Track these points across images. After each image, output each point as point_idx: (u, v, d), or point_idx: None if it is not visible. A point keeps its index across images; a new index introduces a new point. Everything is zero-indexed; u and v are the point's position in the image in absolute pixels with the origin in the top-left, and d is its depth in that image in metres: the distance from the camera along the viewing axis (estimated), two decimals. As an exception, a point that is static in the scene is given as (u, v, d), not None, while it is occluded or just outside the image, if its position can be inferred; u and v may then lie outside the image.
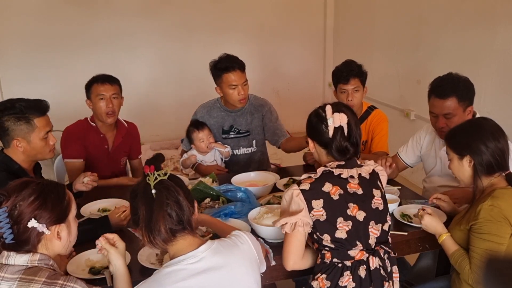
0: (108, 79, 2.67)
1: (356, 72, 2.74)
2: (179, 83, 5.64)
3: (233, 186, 2.30)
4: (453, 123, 2.20)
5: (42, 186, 1.39)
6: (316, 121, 1.73)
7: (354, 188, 1.67)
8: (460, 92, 2.21)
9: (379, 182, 1.76)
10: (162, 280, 1.36)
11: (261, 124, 2.95)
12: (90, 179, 2.33)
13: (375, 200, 1.69)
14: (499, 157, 1.75)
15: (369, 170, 1.73)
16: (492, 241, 1.67)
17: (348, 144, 1.67)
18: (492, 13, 3.38)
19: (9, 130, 2.08)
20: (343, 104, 1.79)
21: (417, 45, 4.28)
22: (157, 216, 1.37)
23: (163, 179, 1.42)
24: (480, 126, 1.82)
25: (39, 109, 2.13)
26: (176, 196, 1.40)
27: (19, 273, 1.31)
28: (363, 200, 1.67)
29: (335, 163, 1.69)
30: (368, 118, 2.88)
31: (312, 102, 7.03)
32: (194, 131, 2.84)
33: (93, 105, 2.66)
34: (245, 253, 1.48)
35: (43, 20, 5.07)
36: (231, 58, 2.78)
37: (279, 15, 5.84)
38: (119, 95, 2.69)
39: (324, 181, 1.65)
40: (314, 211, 1.62)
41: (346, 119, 1.66)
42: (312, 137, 1.77)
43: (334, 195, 1.64)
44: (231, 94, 2.76)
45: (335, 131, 1.66)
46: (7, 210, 1.32)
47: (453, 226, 1.86)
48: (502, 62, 3.32)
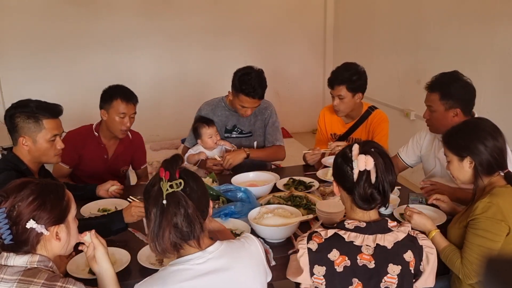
0: (131, 98, 2.63)
1: (342, 80, 2.72)
2: (179, 84, 5.65)
3: (233, 186, 2.30)
4: (434, 118, 2.31)
5: (41, 187, 1.38)
6: (341, 162, 1.51)
7: (365, 260, 1.46)
8: (446, 91, 2.24)
9: (410, 254, 1.48)
10: (166, 278, 1.35)
11: (263, 126, 2.98)
12: (115, 190, 2.37)
13: (387, 278, 1.46)
14: (498, 156, 1.75)
15: (397, 238, 1.48)
16: (486, 237, 1.67)
17: (374, 192, 1.46)
18: (492, 13, 3.38)
19: (17, 127, 2.09)
20: (374, 143, 1.54)
21: (417, 45, 4.28)
22: (163, 230, 1.33)
23: (174, 191, 1.34)
24: (477, 126, 1.82)
25: (51, 111, 2.13)
26: (186, 210, 1.34)
27: (18, 274, 1.30)
28: (371, 276, 1.46)
29: (354, 223, 1.48)
30: (369, 118, 2.89)
31: (312, 102, 7.08)
32: (204, 126, 2.83)
33: (109, 119, 2.62)
34: (252, 255, 1.46)
35: (44, 20, 5.07)
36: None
37: (279, 15, 5.84)
38: (135, 113, 2.68)
39: (332, 247, 1.46)
40: (315, 278, 1.48)
41: (372, 163, 1.45)
42: (337, 180, 1.57)
43: (338, 266, 1.46)
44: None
45: (360, 175, 1.45)
46: (5, 210, 1.31)
47: (452, 225, 1.86)
48: (502, 62, 3.32)
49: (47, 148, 2.14)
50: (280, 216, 1.96)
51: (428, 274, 1.53)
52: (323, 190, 2.40)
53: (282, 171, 2.86)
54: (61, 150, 2.21)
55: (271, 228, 1.86)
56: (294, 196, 2.27)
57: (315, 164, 2.88)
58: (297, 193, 2.30)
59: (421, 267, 1.52)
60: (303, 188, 2.43)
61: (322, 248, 1.47)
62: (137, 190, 2.56)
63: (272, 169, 2.96)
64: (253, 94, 2.70)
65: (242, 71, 2.76)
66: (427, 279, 1.54)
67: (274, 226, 1.88)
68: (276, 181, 2.46)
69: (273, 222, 1.90)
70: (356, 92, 2.76)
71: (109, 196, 2.38)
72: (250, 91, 2.69)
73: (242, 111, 2.81)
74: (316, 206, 2.07)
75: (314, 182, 2.49)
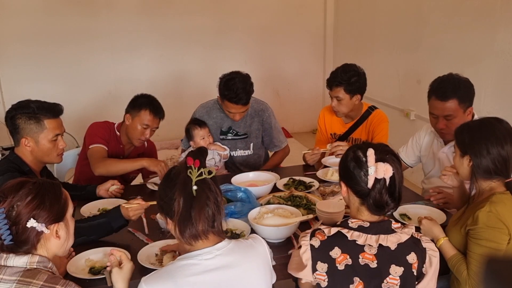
0: (160, 113, 2.70)
1: (340, 81, 2.72)
2: (179, 83, 5.65)
3: (233, 186, 2.30)
4: (453, 125, 2.20)
5: (39, 186, 1.38)
6: (354, 166, 1.48)
7: (368, 260, 1.45)
8: (461, 94, 2.20)
9: (414, 256, 1.48)
10: (174, 272, 1.35)
11: (260, 128, 2.98)
12: (116, 189, 2.38)
13: (389, 280, 1.45)
14: (499, 164, 1.72)
15: (400, 239, 1.47)
16: (490, 247, 1.66)
17: (389, 199, 1.44)
18: (492, 13, 3.38)
19: (19, 128, 2.10)
20: (387, 149, 1.51)
21: (417, 45, 4.28)
22: (196, 215, 1.34)
23: (205, 178, 1.37)
24: (489, 128, 1.77)
25: (51, 111, 2.15)
26: (216, 197, 1.38)
27: (18, 275, 1.30)
28: (373, 276, 1.45)
29: (358, 222, 1.48)
30: (369, 118, 2.89)
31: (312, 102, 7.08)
32: (196, 127, 2.84)
33: (132, 125, 2.66)
34: (260, 256, 1.47)
35: (44, 20, 5.07)
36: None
37: (279, 15, 5.84)
38: (157, 127, 2.73)
39: (334, 245, 1.46)
40: (318, 274, 1.48)
41: (391, 172, 1.42)
42: (347, 182, 1.53)
43: (339, 264, 1.46)
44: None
45: (376, 181, 1.43)
46: (4, 211, 1.31)
47: (450, 227, 1.86)
48: (502, 62, 3.32)
49: (50, 148, 2.15)
50: (280, 216, 1.96)
51: (430, 277, 1.53)
52: (323, 190, 2.40)
53: (282, 171, 2.86)
54: (63, 150, 2.22)
55: (271, 228, 1.86)
56: (294, 196, 2.26)
57: (315, 164, 2.89)
58: (297, 193, 2.30)
59: (423, 269, 1.52)
60: (303, 188, 2.43)
61: (325, 245, 1.47)
62: (137, 190, 2.56)
63: (272, 169, 2.96)
64: (235, 100, 2.69)
65: (227, 76, 2.75)
66: (429, 282, 1.53)
67: (274, 226, 1.88)
68: (276, 181, 2.46)
69: (273, 222, 1.90)
70: (354, 94, 2.75)
71: (109, 196, 2.38)
72: (232, 97, 2.69)
73: (230, 116, 2.84)
74: (316, 206, 2.06)
75: (314, 182, 2.49)
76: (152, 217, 2.14)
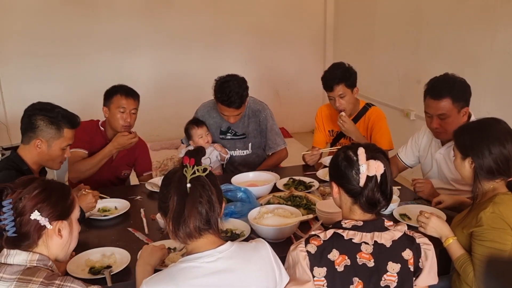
0: (132, 93, 2.66)
1: (339, 79, 2.75)
2: (180, 83, 5.65)
3: (233, 186, 2.30)
4: (448, 124, 2.22)
5: (48, 183, 1.42)
6: (345, 166, 1.49)
7: (365, 259, 1.46)
8: (455, 93, 2.21)
9: (409, 252, 1.49)
10: (175, 274, 1.35)
11: (257, 129, 2.99)
12: (92, 198, 2.14)
13: (387, 277, 1.47)
14: (501, 163, 1.72)
15: (394, 236, 1.48)
16: (495, 248, 1.65)
17: (380, 197, 1.47)
18: (492, 13, 3.38)
19: (37, 129, 2.11)
20: (377, 148, 1.53)
21: (417, 45, 4.28)
22: (188, 212, 1.34)
23: (200, 175, 1.38)
24: (488, 128, 1.77)
25: (72, 122, 2.19)
26: (210, 195, 1.37)
27: (18, 273, 1.31)
28: (371, 275, 1.46)
29: (351, 222, 1.49)
30: (366, 114, 2.90)
31: (312, 102, 7.08)
32: (194, 127, 2.87)
33: (110, 115, 2.65)
34: (263, 259, 1.45)
35: (45, 20, 5.07)
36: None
37: (279, 15, 5.84)
38: (137, 110, 2.69)
39: (332, 247, 1.46)
40: (316, 280, 1.46)
41: (382, 169, 1.45)
42: (338, 182, 1.54)
43: (339, 265, 1.45)
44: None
45: (368, 179, 1.45)
46: (12, 202, 1.34)
47: (452, 229, 1.84)
48: (502, 62, 3.32)
49: (58, 156, 2.18)
50: (280, 216, 1.96)
51: (428, 270, 1.54)
52: (323, 190, 2.40)
53: (282, 171, 2.86)
54: (66, 159, 2.26)
55: (271, 228, 1.86)
56: (294, 196, 2.27)
57: (314, 164, 2.89)
58: (297, 193, 2.30)
59: (420, 264, 1.53)
60: (303, 188, 2.43)
61: (321, 250, 1.47)
62: (138, 190, 2.57)
63: (272, 169, 2.97)
64: (227, 103, 2.71)
65: (222, 79, 2.76)
66: (428, 275, 1.54)
67: (274, 226, 1.88)
68: (276, 181, 2.46)
69: (273, 222, 1.91)
70: (353, 87, 2.80)
71: (90, 209, 2.16)
72: (225, 100, 2.70)
73: (225, 118, 2.85)
74: (316, 206, 2.07)
75: (314, 182, 2.49)
76: (152, 217, 2.15)
